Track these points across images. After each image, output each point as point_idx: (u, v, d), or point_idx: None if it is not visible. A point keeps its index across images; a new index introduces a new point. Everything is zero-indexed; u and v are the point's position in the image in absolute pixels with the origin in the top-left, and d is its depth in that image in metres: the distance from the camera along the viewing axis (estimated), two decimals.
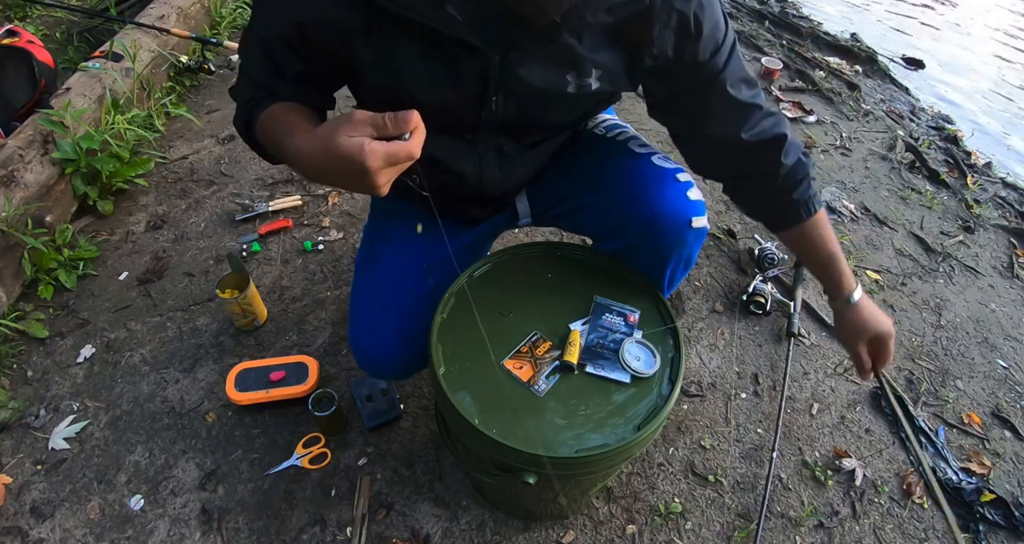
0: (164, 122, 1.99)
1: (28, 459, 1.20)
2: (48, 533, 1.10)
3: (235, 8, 2.57)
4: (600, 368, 0.84)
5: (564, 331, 0.88)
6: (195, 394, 1.31)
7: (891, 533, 1.20)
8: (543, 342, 0.86)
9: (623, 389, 0.82)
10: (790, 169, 0.85)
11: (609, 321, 0.89)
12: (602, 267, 0.98)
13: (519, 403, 0.80)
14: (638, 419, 0.79)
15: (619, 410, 0.80)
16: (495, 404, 0.79)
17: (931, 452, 1.34)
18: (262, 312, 1.44)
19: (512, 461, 0.76)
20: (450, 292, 0.91)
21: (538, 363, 0.84)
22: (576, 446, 0.75)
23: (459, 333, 0.86)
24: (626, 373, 0.83)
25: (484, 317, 0.85)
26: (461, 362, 0.83)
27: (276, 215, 1.73)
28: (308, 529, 1.12)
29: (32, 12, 2.41)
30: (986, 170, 2.29)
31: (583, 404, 0.80)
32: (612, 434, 0.77)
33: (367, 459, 1.22)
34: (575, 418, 0.79)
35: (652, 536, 1.15)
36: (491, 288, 0.93)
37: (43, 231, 1.47)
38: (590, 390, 0.82)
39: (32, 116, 1.59)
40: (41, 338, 1.39)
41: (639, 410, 0.80)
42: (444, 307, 0.89)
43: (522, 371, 0.83)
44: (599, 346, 0.86)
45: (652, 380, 0.83)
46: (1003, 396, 1.49)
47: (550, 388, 0.81)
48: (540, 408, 0.80)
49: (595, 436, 0.77)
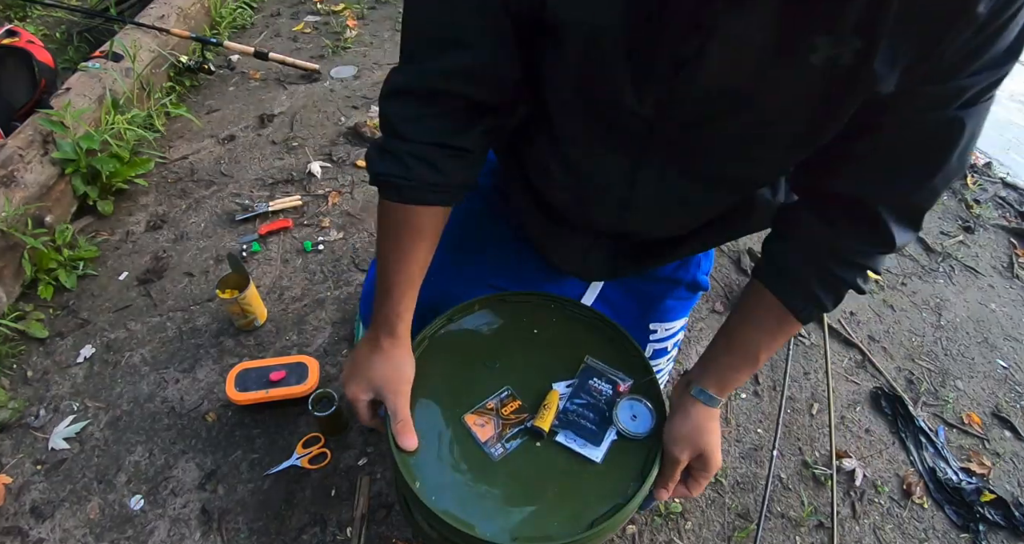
0: (164, 122, 1.99)
1: (28, 459, 1.20)
2: (48, 533, 1.10)
3: (235, 8, 2.57)
4: (572, 440, 0.73)
5: (544, 389, 0.77)
6: (195, 394, 1.31)
7: (891, 533, 1.20)
8: (512, 400, 0.76)
9: (589, 470, 0.71)
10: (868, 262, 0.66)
11: (596, 388, 0.77)
12: (596, 326, 0.86)
13: (469, 465, 0.71)
14: (594, 514, 0.67)
15: (577, 496, 0.69)
16: (447, 468, 0.71)
17: (931, 452, 1.34)
18: (262, 312, 1.44)
19: (451, 536, 0.67)
20: (423, 335, 0.81)
21: (501, 424, 0.74)
22: (515, 533, 0.65)
23: (427, 378, 0.77)
24: (599, 449, 0.72)
25: (459, 364, 0.78)
26: (422, 415, 0.75)
27: (276, 215, 1.73)
28: (308, 529, 1.12)
29: (32, 12, 2.41)
30: (986, 170, 2.29)
31: (540, 480, 0.70)
32: (559, 525, 0.66)
33: (367, 459, 1.22)
34: (526, 495, 0.69)
35: (652, 536, 1.15)
36: (473, 335, 0.84)
37: (43, 231, 1.47)
38: (553, 464, 0.72)
39: (32, 116, 1.59)
40: (41, 338, 1.39)
41: (599, 503, 0.69)
42: (417, 348, 0.79)
43: (483, 429, 0.73)
44: (578, 414, 0.75)
45: (622, 464, 0.72)
46: (1003, 396, 1.49)
47: (507, 454, 0.72)
48: (490, 475, 0.70)
49: (539, 523, 0.66)
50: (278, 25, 2.61)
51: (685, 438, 0.71)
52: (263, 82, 2.25)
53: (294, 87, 2.23)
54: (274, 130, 2.03)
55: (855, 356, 1.53)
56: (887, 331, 1.61)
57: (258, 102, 2.15)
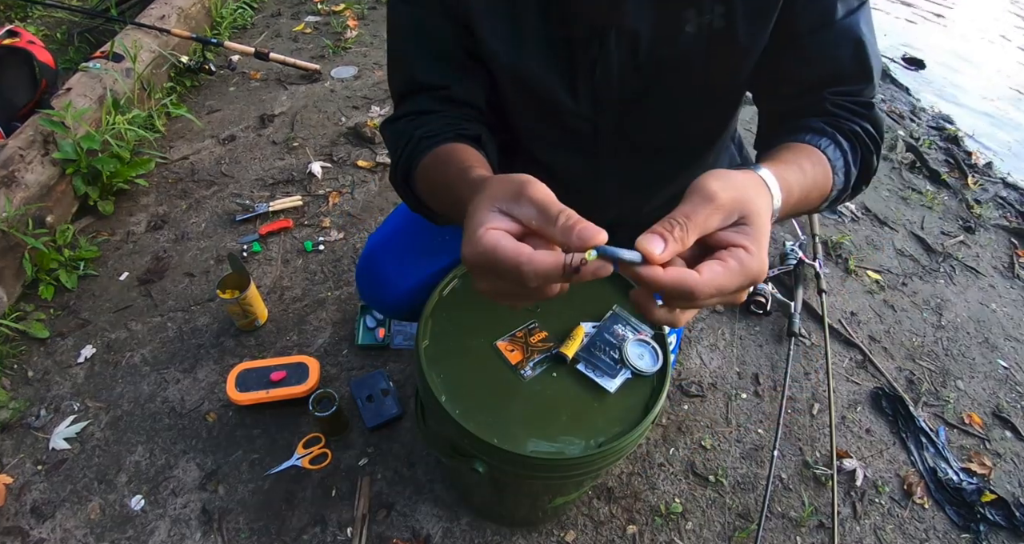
0: (164, 122, 1.99)
1: (29, 459, 1.20)
2: (48, 533, 1.10)
3: (235, 8, 2.57)
4: (591, 370, 0.80)
5: (572, 326, 0.85)
6: (195, 394, 1.31)
7: (891, 533, 1.20)
8: (539, 331, 0.84)
9: (602, 399, 0.78)
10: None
11: (619, 332, 0.85)
12: (627, 285, 0.91)
13: (499, 385, 0.77)
14: (603, 437, 0.74)
15: (589, 421, 0.76)
16: (471, 386, 0.77)
17: (932, 452, 1.34)
18: (262, 312, 1.44)
19: (467, 446, 0.73)
20: (455, 273, 0.87)
21: (530, 350, 0.81)
22: (531, 446, 0.72)
23: (455, 312, 0.83)
24: (614, 381, 0.79)
25: (489, 302, 0.84)
26: (449, 340, 0.80)
27: (276, 215, 1.73)
28: (309, 529, 1.12)
29: (33, 12, 2.41)
30: (987, 170, 2.29)
31: (558, 403, 0.77)
32: (571, 443, 0.73)
33: (368, 459, 1.22)
34: (544, 415, 0.76)
35: (652, 536, 1.15)
36: None
37: (44, 231, 1.47)
38: (571, 390, 0.79)
39: (33, 116, 1.59)
40: (42, 338, 1.39)
41: (609, 427, 0.75)
42: (447, 285, 0.85)
43: (512, 354, 0.81)
44: (599, 349, 0.83)
45: (632, 398, 0.79)
46: (1004, 396, 1.49)
47: (535, 376, 0.79)
48: (518, 394, 0.77)
49: (554, 440, 0.73)
50: (278, 25, 2.61)
51: (731, 180, 0.43)
52: (264, 82, 2.26)
53: (294, 87, 2.23)
54: (275, 130, 2.03)
55: (856, 356, 1.53)
56: (888, 331, 1.61)
57: (259, 102, 2.15)
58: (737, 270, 0.40)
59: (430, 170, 0.61)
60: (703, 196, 0.41)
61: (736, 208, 0.42)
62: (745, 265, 0.40)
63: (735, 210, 0.42)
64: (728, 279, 0.40)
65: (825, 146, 0.60)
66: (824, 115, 0.64)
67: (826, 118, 0.63)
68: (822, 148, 0.59)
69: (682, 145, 0.79)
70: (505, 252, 0.39)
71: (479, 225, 0.41)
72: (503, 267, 0.39)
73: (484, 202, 0.42)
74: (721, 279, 0.39)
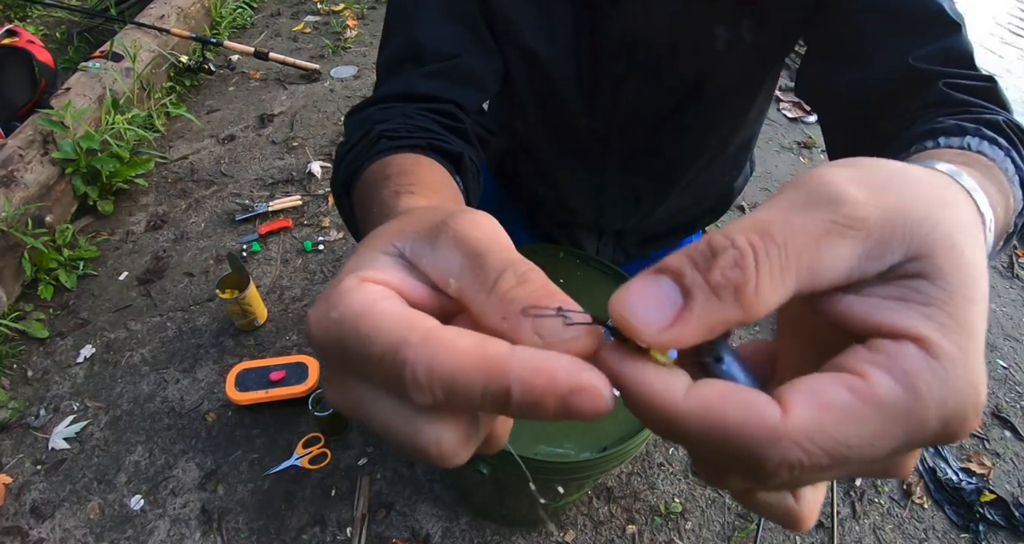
0: (164, 122, 1.99)
1: (28, 459, 1.20)
2: (48, 533, 1.10)
3: (235, 8, 2.57)
4: None
5: None
6: (195, 394, 1.31)
7: (891, 533, 1.20)
8: None
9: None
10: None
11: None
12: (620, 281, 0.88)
13: None
14: (607, 441, 0.74)
15: (596, 423, 0.74)
16: None
17: (931, 452, 1.34)
18: (262, 312, 1.44)
19: None
20: None
21: None
22: (534, 449, 0.72)
23: None
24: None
25: None
26: None
27: (276, 215, 1.73)
28: (308, 529, 1.12)
29: (32, 12, 2.41)
30: None
31: None
32: (575, 446, 0.73)
33: (367, 459, 1.22)
34: None
35: (652, 536, 1.15)
36: None
37: (43, 231, 1.47)
38: None
39: (32, 116, 1.59)
40: (41, 338, 1.39)
41: (613, 431, 0.75)
42: None
43: None
44: None
45: None
46: (1003, 396, 1.49)
47: None
48: None
49: (557, 442, 0.73)
50: (278, 25, 2.61)
51: (886, 175, 0.19)
52: (263, 82, 2.25)
53: (294, 87, 2.23)
54: (274, 130, 2.03)
55: None
56: None
57: (258, 102, 2.15)
58: (898, 403, 0.16)
59: (370, 182, 0.42)
60: (818, 197, 0.18)
61: (901, 233, 0.18)
62: (921, 394, 0.16)
63: (896, 237, 0.18)
64: (869, 426, 0.16)
65: (976, 145, 0.36)
66: (942, 107, 0.44)
67: (948, 110, 0.43)
68: (973, 148, 0.36)
69: (695, 158, 0.75)
70: (381, 322, 0.18)
71: (349, 272, 0.20)
72: (372, 351, 0.18)
73: (378, 238, 0.22)
74: (847, 427, 0.16)
